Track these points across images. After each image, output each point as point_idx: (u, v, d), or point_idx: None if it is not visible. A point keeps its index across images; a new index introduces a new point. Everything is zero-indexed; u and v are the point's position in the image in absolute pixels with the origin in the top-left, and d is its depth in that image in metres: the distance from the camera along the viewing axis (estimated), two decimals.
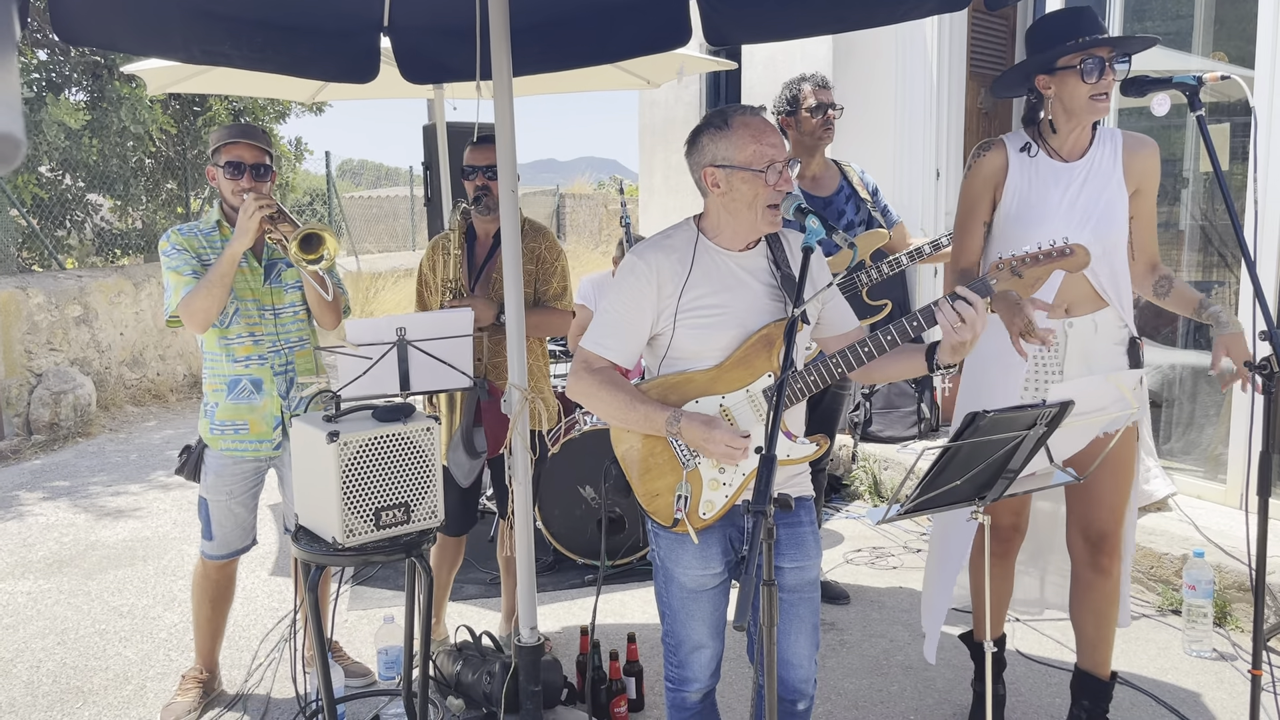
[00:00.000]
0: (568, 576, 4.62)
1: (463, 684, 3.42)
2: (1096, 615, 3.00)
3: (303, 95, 5.90)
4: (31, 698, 3.61)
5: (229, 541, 3.41)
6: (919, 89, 6.19)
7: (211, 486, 3.35)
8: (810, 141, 3.98)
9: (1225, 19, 5.01)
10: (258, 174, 3.28)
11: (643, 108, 9.63)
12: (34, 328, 7.80)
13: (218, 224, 3.34)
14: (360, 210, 19.70)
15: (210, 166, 3.33)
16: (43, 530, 5.56)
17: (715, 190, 2.29)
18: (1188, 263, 5.19)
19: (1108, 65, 2.64)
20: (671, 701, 2.52)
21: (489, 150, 3.50)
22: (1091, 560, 2.96)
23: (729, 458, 2.19)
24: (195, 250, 3.27)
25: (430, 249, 3.69)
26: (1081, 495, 2.94)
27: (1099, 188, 2.78)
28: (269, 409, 3.33)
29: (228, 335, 3.30)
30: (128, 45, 3.52)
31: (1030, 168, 2.80)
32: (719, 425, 2.20)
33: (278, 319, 3.35)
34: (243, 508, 3.40)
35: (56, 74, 9.36)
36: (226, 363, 3.31)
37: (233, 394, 3.31)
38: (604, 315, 2.37)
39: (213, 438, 3.34)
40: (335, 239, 3.14)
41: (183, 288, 3.20)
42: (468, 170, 3.57)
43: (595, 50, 3.82)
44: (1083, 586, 3.00)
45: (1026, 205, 2.78)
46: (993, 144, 2.86)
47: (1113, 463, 2.85)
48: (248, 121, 10.59)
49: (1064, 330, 2.77)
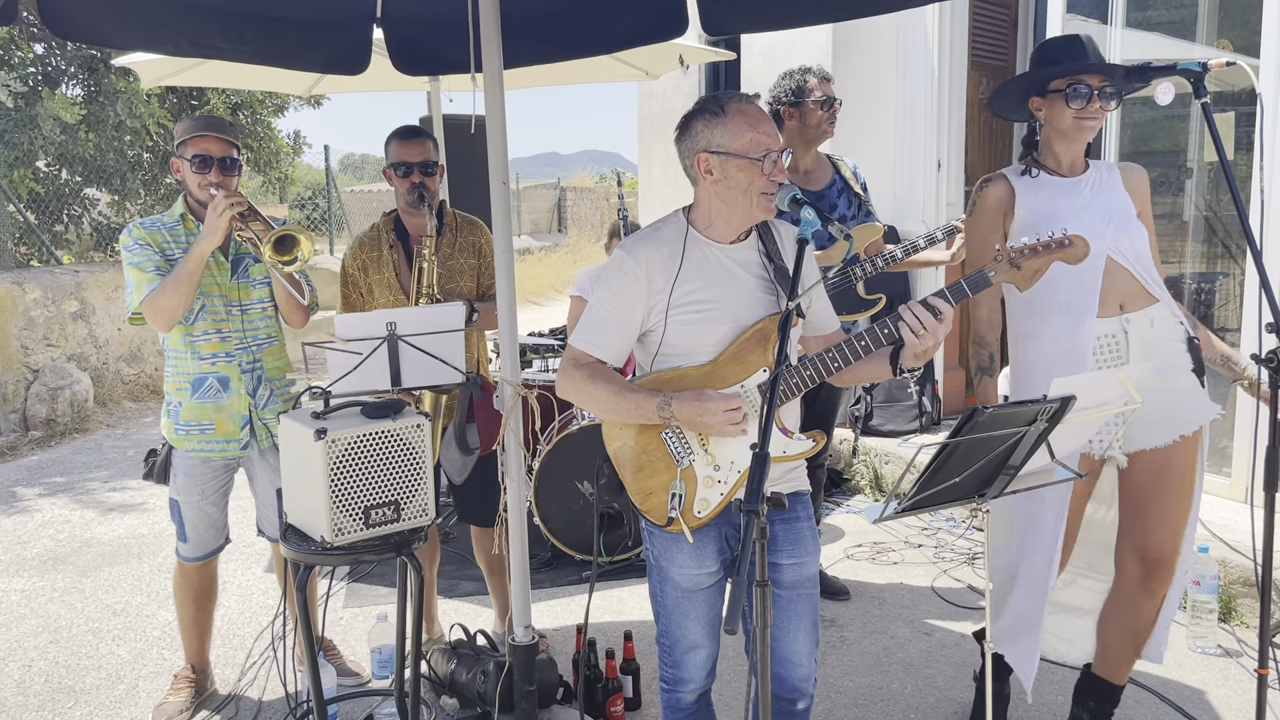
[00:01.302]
0: (565, 573, 4.58)
1: (457, 683, 3.38)
2: (1132, 635, 2.90)
3: (300, 88, 5.84)
4: (23, 697, 3.58)
5: (204, 542, 3.36)
6: (920, 79, 6.13)
7: (182, 488, 3.29)
8: (813, 134, 3.92)
9: (1229, 7, 4.95)
10: (225, 167, 3.18)
11: (641, 99, 9.57)
12: (31, 323, 7.76)
13: (182, 217, 3.24)
14: (360, 204, 19.63)
15: (175, 159, 3.23)
16: (38, 527, 5.52)
17: (708, 177, 2.24)
18: (1192, 254, 5.14)
19: (1095, 94, 2.66)
20: (666, 702, 2.48)
21: (423, 145, 3.41)
22: (1143, 583, 2.84)
23: (730, 426, 2.16)
24: (158, 245, 3.18)
25: (357, 248, 3.53)
26: (1140, 514, 2.81)
27: (1110, 195, 2.80)
28: (236, 408, 3.26)
29: (193, 332, 3.22)
30: (116, 39, 3.46)
31: (1036, 187, 2.80)
32: (710, 396, 2.17)
33: (245, 315, 3.28)
34: (215, 507, 3.34)
35: (53, 68, 9.32)
36: (191, 360, 3.23)
37: (198, 393, 3.24)
38: (593, 312, 2.32)
39: (178, 438, 3.27)
40: (310, 240, 3.06)
41: (145, 285, 3.12)
42: (399, 166, 3.41)
43: (590, 41, 3.78)
44: (1125, 606, 2.89)
45: (1039, 218, 2.75)
46: (993, 178, 2.86)
47: (1173, 476, 2.76)
48: (234, 117, 10.57)
49: (1122, 327, 2.73)
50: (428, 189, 3.38)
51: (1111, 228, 2.72)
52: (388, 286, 3.45)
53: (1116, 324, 2.73)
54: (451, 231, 3.50)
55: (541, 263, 17.96)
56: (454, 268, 3.48)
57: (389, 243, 3.49)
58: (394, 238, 3.50)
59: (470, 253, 3.50)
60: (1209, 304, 5.04)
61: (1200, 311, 5.02)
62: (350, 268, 3.53)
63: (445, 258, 3.47)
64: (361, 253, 3.52)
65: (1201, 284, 5.08)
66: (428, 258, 3.30)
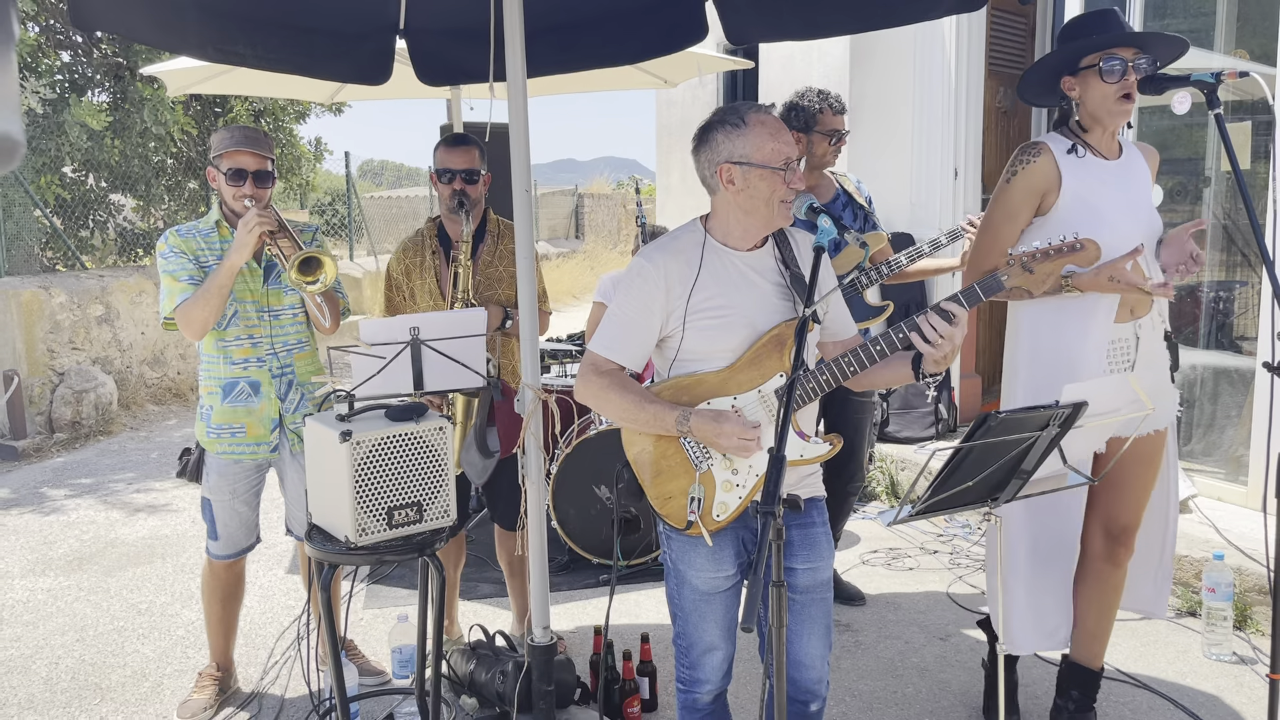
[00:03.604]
0: (583, 576, 4.62)
1: (476, 683, 3.42)
2: (1102, 606, 2.99)
3: (322, 96, 5.93)
4: (51, 694, 3.65)
5: (235, 540, 3.42)
6: (937, 88, 6.15)
7: (214, 487, 3.36)
8: (815, 161, 3.98)
9: (1248, 16, 4.95)
10: (260, 180, 3.26)
11: (660, 107, 9.63)
12: (56, 327, 7.87)
13: (216, 224, 3.32)
14: (380, 210, 19.78)
15: (211, 168, 3.31)
16: (64, 528, 5.61)
17: (730, 187, 2.27)
18: (1211, 262, 5.14)
19: (1130, 66, 2.61)
20: (683, 703, 2.52)
21: (468, 152, 3.46)
22: (1108, 553, 2.95)
23: (743, 449, 2.19)
24: (193, 252, 3.26)
25: (401, 252, 3.58)
26: (1105, 488, 2.91)
27: (1142, 185, 2.79)
28: (266, 411, 3.33)
29: (225, 338, 3.29)
30: (144, 35, 3.52)
31: (1082, 169, 2.73)
32: (728, 418, 2.19)
33: (276, 321, 3.35)
34: (246, 506, 3.41)
35: (79, 75, 9.45)
36: (224, 365, 3.30)
37: (229, 397, 3.31)
38: (612, 318, 2.36)
39: (209, 441, 3.34)
40: (333, 263, 3.14)
41: (178, 294, 3.20)
42: (443, 173, 3.47)
43: (612, 51, 3.81)
44: (1093, 578, 2.98)
45: (1087, 207, 2.70)
46: (1039, 150, 2.73)
47: (1139, 456, 2.84)
48: (257, 124, 10.67)
49: (1134, 333, 2.75)
50: (469, 196, 3.43)
51: (1141, 227, 2.70)
52: (429, 292, 3.50)
53: (1130, 329, 2.75)
54: (493, 239, 3.55)
55: (559, 269, 18.03)
56: (493, 275, 3.51)
57: (431, 248, 3.54)
58: (436, 243, 3.55)
59: (511, 260, 3.50)
60: (1227, 313, 5.04)
61: (1218, 320, 5.02)
62: (394, 272, 3.59)
63: (485, 265, 3.51)
64: (405, 257, 3.57)
65: (1220, 292, 5.08)
66: (463, 263, 3.35)
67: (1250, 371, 4.67)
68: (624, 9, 3.59)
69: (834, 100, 3.96)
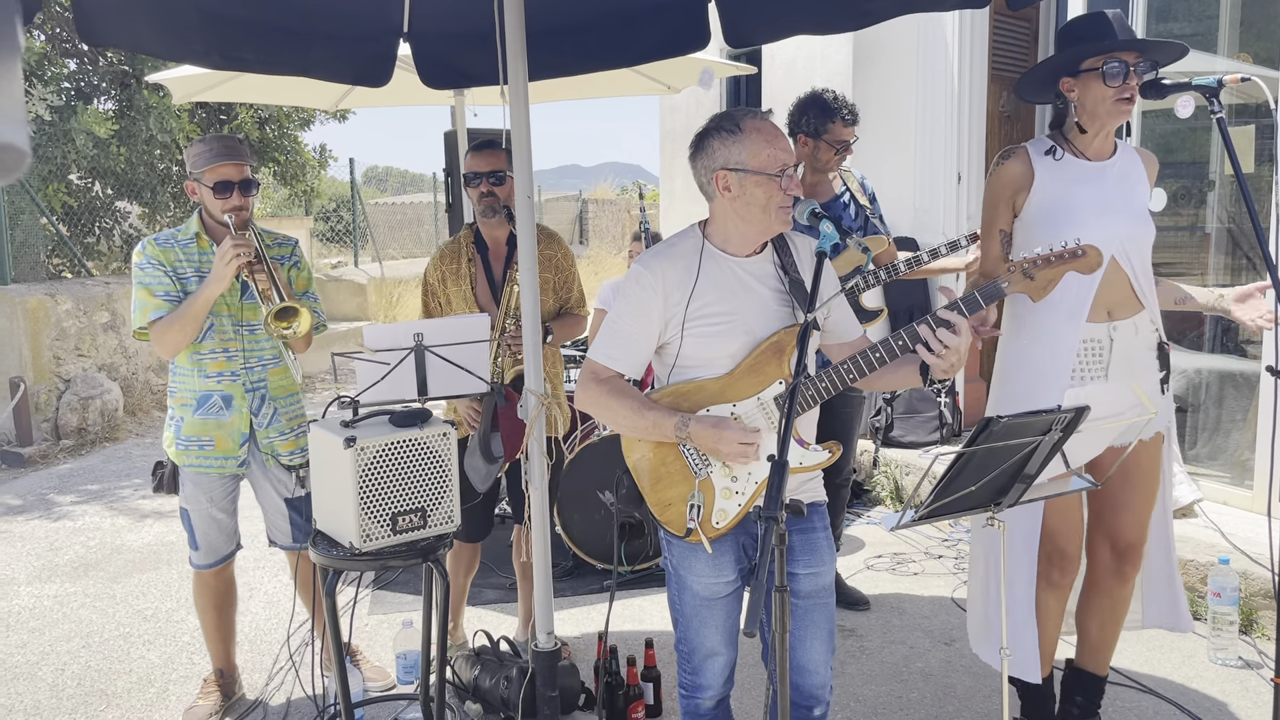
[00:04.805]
0: (586, 582, 4.62)
1: (480, 689, 3.43)
2: (1108, 620, 3.00)
3: (326, 103, 5.94)
4: (57, 700, 3.66)
5: (215, 549, 3.41)
6: (940, 92, 6.15)
7: (190, 497, 3.35)
8: (820, 166, 3.98)
9: (1251, 20, 4.96)
10: (245, 189, 3.26)
11: (663, 113, 9.65)
12: (62, 334, 7.90)
13: (196, 236, 3.31)
14: (384, 216, 19.83)
15: (191, 182, 3.28)
16: (69, 534, 5.62)
17: (726, 194, 2.28)
18: (1214, 266, 5.14)
19: (1132, 70, 2.62)
20: (686, 709, 2.52)
21: (493, 155, 3.48)
22: (1116, 568, 2.94)
23: (742, 456, 2.18)
24: (170, 263, 3.24)
25: (439, 258, 3.60)
26: (1109, 504, 2.92)
27: (1131, 186, 2.78)
28: (237, 425, 3.31)
29: (200, 350, 3.28)
30: (151, 47, 3.55)
31: (1058, 170, 2.76)
32: (728, 425, 2.19)
33: (252, 335, 3.34)
34: (224, 513, 3.40)
35: (86, 83, 9.49)
36: (197, 378, 3.29)
37: (201, 409, 3.30)
38: (611, 326, 2.37)
39: (177, 453, 3.33)
40: (310, 315, 3.20)
41: (151, 310, 3.19)
42: (470, 177, 3.50)
43: (614, 54, 3.82)
44: (1101, 593, 2.99)
45: (1061, 206, 2.73)
46: (1014, 152, 2.82)
47: (1140, 470, 2.84)
48: (262, 131, 10.69)
49: (1108, 335, 2.75)
50: (497, 197, 3.45)
51: (1123, 226, 2.70)
52: (464, 300, 3.51)
53: (1103, 330, 2.74)
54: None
55: None
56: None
57: (468, 255, 3.55)
58: (473, 250, 3.56)
59: (548, 267, 3.52)
60: None
61: (1223, 324, 5.01)
62: (431, 278, 3.61)
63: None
64: (442, 264, 3.58)
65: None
66: (515, 279, 3.36)
67: (1255, 375, 4.67)
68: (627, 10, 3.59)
69: (847, 113, 3.93)
